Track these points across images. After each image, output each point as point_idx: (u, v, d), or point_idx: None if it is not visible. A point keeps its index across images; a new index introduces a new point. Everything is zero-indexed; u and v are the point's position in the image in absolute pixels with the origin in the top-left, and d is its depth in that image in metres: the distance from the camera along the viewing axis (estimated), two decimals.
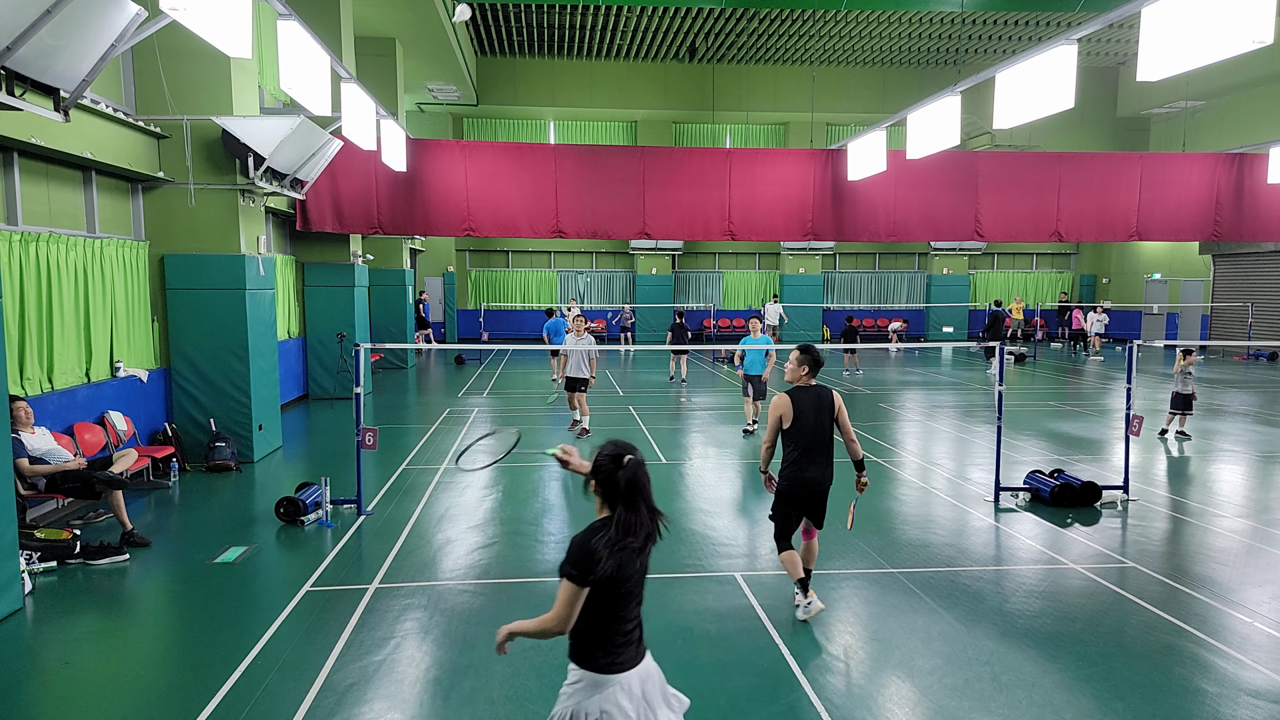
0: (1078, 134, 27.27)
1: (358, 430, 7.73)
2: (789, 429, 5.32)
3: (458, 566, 6.53)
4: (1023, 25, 23.10)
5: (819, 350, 5.47)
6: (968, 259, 31.26)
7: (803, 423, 5.30)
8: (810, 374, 5.41)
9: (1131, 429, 8.34)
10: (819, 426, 5.34)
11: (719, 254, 30.97)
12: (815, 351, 5.45)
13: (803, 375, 5.41)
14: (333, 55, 8.52)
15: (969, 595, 5.91)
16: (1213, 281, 25.49)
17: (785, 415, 5.30)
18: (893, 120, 12.75)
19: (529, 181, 13.63)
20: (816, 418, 5.33)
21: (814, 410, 5.33)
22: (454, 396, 15.94)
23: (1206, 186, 14.67)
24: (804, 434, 5.30)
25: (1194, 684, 4.62)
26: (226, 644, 5.09)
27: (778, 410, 5.34)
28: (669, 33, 24.28)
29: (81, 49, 5.99)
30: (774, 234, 14.51)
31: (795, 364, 5.45)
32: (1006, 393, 8.55)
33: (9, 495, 5.56)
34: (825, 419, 5.36)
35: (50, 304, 7.97)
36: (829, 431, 5.39)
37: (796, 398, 5.34)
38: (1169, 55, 6.11)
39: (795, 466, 5.33)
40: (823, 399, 5.38)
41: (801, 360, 5.43)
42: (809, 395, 5.37)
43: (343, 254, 15.23)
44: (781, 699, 4.46)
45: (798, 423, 5.30)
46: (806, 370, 5.42)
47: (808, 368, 5.42)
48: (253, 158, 9.54)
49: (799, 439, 5.31)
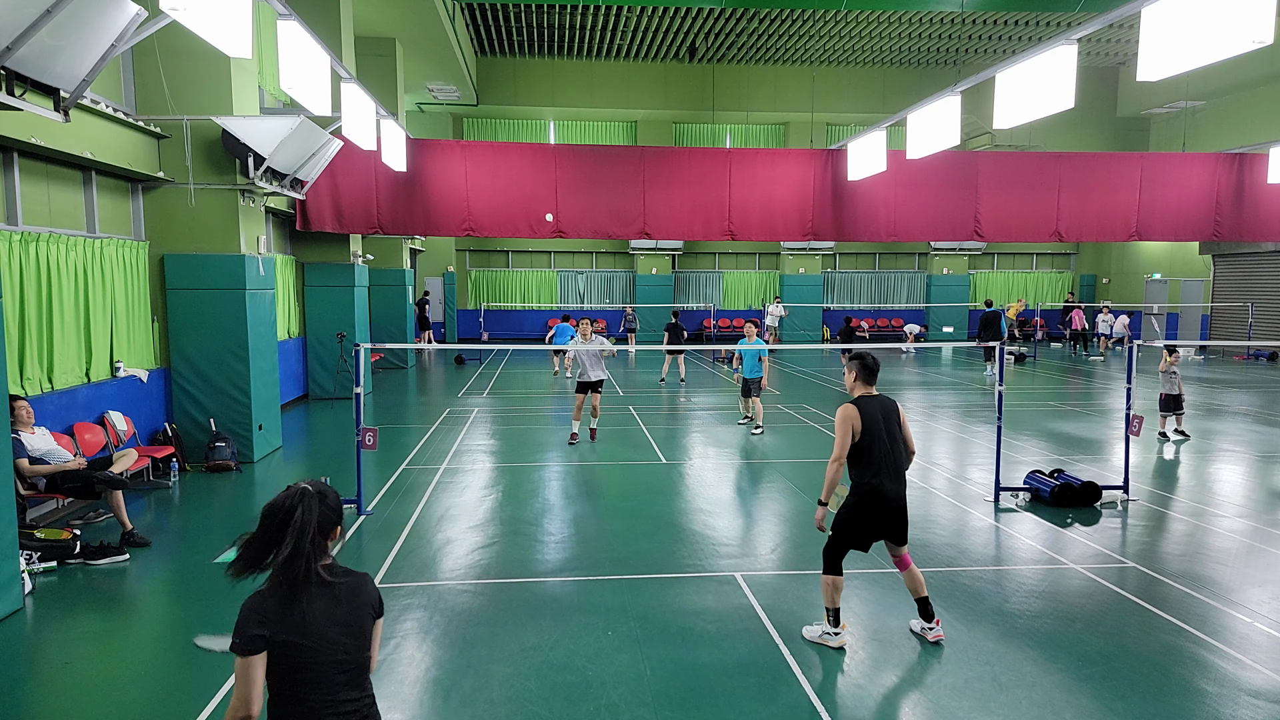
0: (1078, 134, 27.27)
1: (358, 430, 7.73)
2: (861, 441, 4.93)
3: (458, 566, 6.53)
4: (1023, 25, 23.10)
5: (868, 357, 5.13)
6: (968, 259, 31.26)
7: (874, 432, 4.93)
8: (866, 381, 5.11)
9: (1131, 429, 8.34)
10: (890, 436, 4.99)
11: (719, 254, 30.97)
12: (866, 357, 5.13)
13: (857, 384, 5.12)
14: (333, 55, 8.51)
15: (969, 595, 5.91)
16: (1213, 281, 25.50)
17: (855, 427, 4.91)
18: (893, 120, 12.74)
19: (529, 181, 13.63)
20: (888, 427, 4.99)
21: (884, 419, 4.99)
22: (454, 396, 15.94)
23: (1206, 186, 14.67)
24: (877, 444, 4.94)
25: (1194, 684, 4.62)
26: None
27: (847, 421, 4.92)
28: (669, 33, 24.28)
29: (81, 49, 5.99)
30: (774, 234, 14.51)
31: (848, 375, 5.18)
32: (1006, 393, 8.54)
33: (9, 495, 5.56)
34: (895, 428, 5.04)
35: (50, 304, 7.97)
36: (900, 441, 5.06)
37: (864, 406, 4.98)
38: (1169, 55, 6.11)
39: (874, 480, 4.94)
40: (889, 407, 5.07)
41: (850, 367, 5.15)
42: (875, 403, 5.03)
43: (343, 254, 15.23)
44: (781, 699, 4.46)
45: (869, 433, 4.92)
46: (856, 376, 5.12)
47: (855, 373, 5.13)
48: (253, 158, 9.54)
49: (873, 450, 4.93)
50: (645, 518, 7.82)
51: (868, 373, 5.12)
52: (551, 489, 8.90)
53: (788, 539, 7.25)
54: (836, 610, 5.05)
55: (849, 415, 4.92)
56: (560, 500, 8.47)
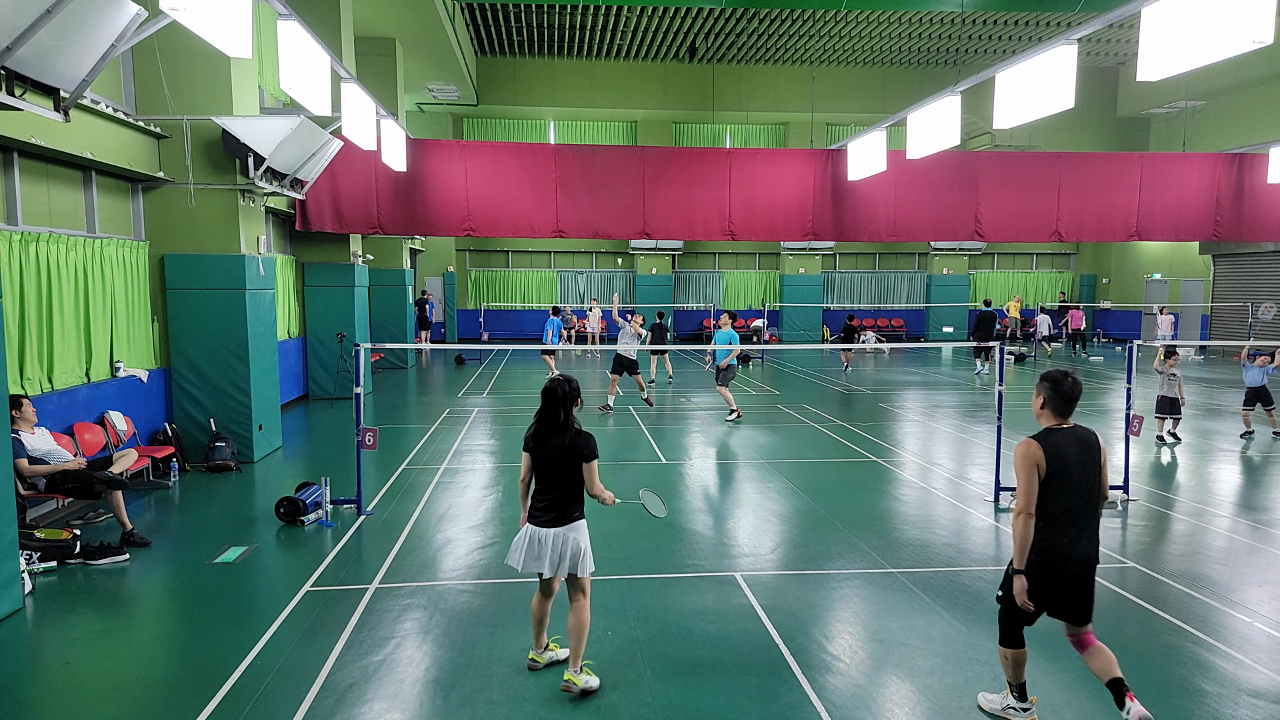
0: (1078, 134, 27.28)
1: (358, 430, 7.73)
2: (1045, 485, 3.88)
3: (458, 566, 6.53)
4: (1023, 25, 23.11)
5: (1066, 379, 3.98)
6: (968, 259, 31.27)
7: (1065, 476, 3.88)
8: (1057, 411, 3.99)
9: (1131, 429, 8.34)
10: (1086, 482, 3.91)
11: (719, 254, 30.98)
12: (1060, 380, 3.97)
13: (1044, 412, 4.04)
14: (333, 55, 8.52)
15: (969, 595, 5.91)
16: (1213, 281, 25.50)
17: (1040, 467, 3.87)
18: (893, 120, 12.75)
19: (529, 181, 13.63)
20: (1083, 470, 3.91)
21: (1079, 460, 3.91)
22: (454, 396, 15.94)
23: (1206, 186, 14.67)
24: (1069, 492, 3.88)
25: (1194, 684, 4.62)
26: (226, 644, 5.09)
27: (1029, 461, 3.87)
28: (669, 33, 24.29)
29: (81, 49, 5.99)
30: (774, 234, 14.51)
31: (1035, 399, 4.11)
32: (1006, 393, 8.54)
33: (9, 495, 5.56)
34: (1093, 470, 3.94)
35: (50, 304, 7.97)
36: (1098, 487, 3.97)
37: (1052, 443, 3.91)
38: (1169, 55, 6.11)
39: (1058, 536, 3.89)
40: (1089, 444, 3.97)
41: (1040, 390, 4.05)
42: (1069, 439, 3.95)
43: (343, 254, 15.23)
44: (781, 699, 4.46)
45: (1058, 477, 3.87)
46: (1043, 403, 4.03)
47: (1043, 399, 4.03)
48: (253, 158, 9.54)
49: (1061, 499, 3.88)
50: (645, 517, 7.80)
51: (1061, 400, 3.98)
52: None
53: (788, 539, 7.25)
54: (1021, 685, 4.17)
55: (1031, 454, 3.88)
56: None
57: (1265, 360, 11.75)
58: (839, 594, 5.93)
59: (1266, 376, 11.74)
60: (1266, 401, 11.80)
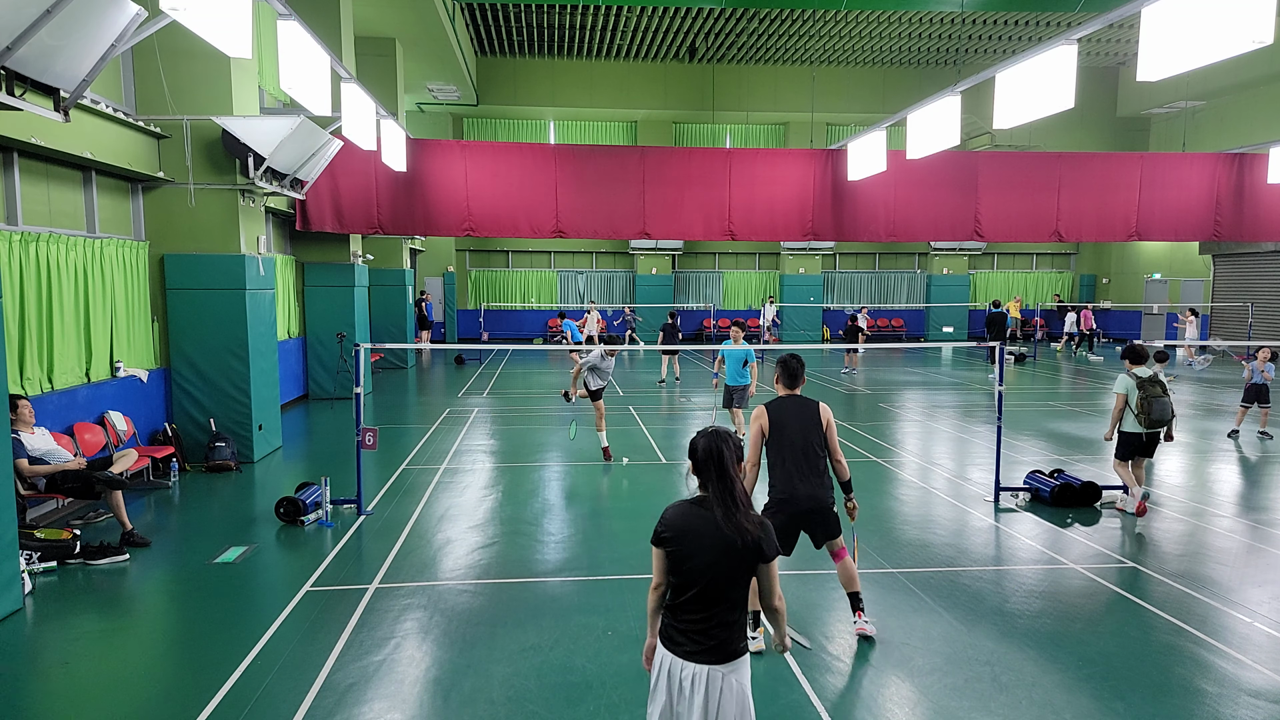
0: (1078, 134, 27.27)
1: (358, 430, 7.73)
2: (770, 441, 5.01)
3: (458, 566, 6.53)
4: (1023, 25, 23.11)
5: (792, 361, 5.22)
6: (968, 259, 31.26)
7: (783, 434, 4.98)
8: (785, 384, 5.20)
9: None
10: (805, 440, 4.98)
11: (719, 254, 30.97)
12: (788, 362, 5.22)
13: (778, 385, 5.25)
14: (333, 55, 8.51)
15: (969, 595, 5.91)
16: (1213, 281, 25.50)
17: (764, 427, 5.02)
18: (893, 120, 12.74)
19: (529, 181, 13.62)
20: (801, 428, 5.00)
21: (797, 421, 5.01)
22: (454, 397, 15.94)
23: (1206, 186, 14.66)
24: (787, 446, 4.97)
25: (1194, 684, 4.62)
26: (226, 644, 5.09)
27: (756, 423, 5.06)
28: (669, 33, 24.28)
29: (81, 49, 5.99)
30: (774, 234, 14.50)
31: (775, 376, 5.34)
32: (1006, 393, 8.54)
33: (9, 495, 5.56)
34: (812, 432, 5.01)
35: (50, 304, 7.97)
36: (817, 446, 5.01)
37: (775, 408, 5.07)
38: (1169, 55, 6.11)
39: (785, 482, 4.96)
40: (807, 410, 5.06)
41: (776, 369, 5.31)
42: (791, 405, 5.10)
43: (343, 254, 15.23)
44: (781, 699, 4.46)
45: (777, 434, 4.99)
46: (777, 378, 5.26)
47: (777, 375, 5.26)
48: (253, 158, 9.54)
49: (782, 452, 4.97)
50: (645, 518, 7.81)
51: (788, 376, 5.19)
52: (551, 489, 8.90)
53: None
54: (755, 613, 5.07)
55: (758, 416, 5.06)
56: (560, 500, 8.47)
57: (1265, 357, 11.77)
58: (839, 594, 5.92)
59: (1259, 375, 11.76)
60: (1263, 400, 11.80)
